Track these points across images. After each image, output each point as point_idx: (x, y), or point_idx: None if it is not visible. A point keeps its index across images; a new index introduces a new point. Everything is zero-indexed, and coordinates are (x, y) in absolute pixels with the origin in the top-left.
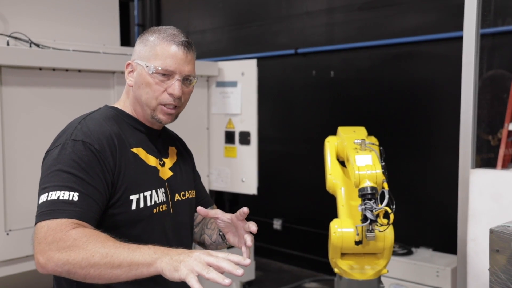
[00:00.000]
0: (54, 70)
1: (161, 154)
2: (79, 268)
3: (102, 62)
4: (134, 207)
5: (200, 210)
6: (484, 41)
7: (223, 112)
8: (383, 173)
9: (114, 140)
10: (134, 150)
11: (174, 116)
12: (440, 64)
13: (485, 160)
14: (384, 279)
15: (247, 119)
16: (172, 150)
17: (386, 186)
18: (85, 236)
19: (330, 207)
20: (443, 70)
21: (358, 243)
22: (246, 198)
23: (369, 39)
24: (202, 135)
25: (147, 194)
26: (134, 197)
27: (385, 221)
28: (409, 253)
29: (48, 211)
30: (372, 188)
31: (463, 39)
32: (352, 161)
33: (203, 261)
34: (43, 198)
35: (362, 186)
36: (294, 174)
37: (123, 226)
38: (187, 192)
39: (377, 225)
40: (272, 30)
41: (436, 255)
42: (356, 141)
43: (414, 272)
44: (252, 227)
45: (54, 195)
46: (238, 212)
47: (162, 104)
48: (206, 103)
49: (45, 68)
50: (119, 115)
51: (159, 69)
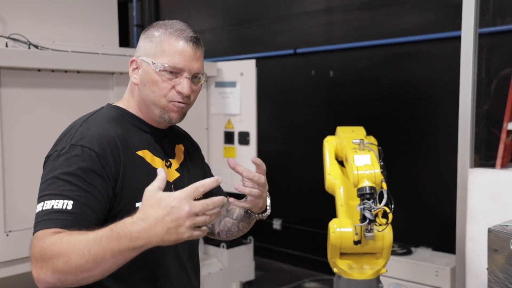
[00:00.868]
0: (53, 71)
1: (167, 155)
2: (66, 274)
3: (101, 63)
4: None
5: (230, 161)
6: (482, 40)
7: (222, 112)
8: (382, 172)
9: (118, 144)
10: (140, 153)
11: (183, 114)
12: (439, 63)
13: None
14: (383, 278)
15: (246, 119)
16: (179, 149)
17: (384, 185)
18: (59, 240)
19: (329, 207)
20: (442, 70)
21: (357, 242)
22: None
23: (368, 39)
24: (201, 135)
25: None
26: (139, 204)
27: (383, 220)
28: (408, 252)
29: (41, 221)
30: (371, 188)
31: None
32: (351, 160)
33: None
34: (39, 208)
35: (360, 185)
36: (293, 174)
37: None
38: None
39: (376, 224)
40: (271, 30)
41: (436, 254)
42: (354, 140)
43: (414, 271)
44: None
45: (48, 204)
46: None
47: (171, 101)
48: (205, 103)
49: (44, 69)
50: (123, 116)
51: (167, 66)
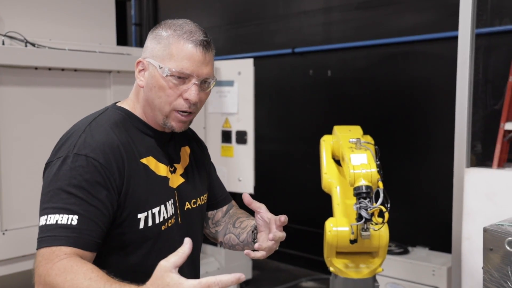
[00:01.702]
0: (50, 69)
1: (172, 160)
2: None
3: (98, 61)
4: (142, 225)
5: (245, 196)
6: (479, 40)
7: (219, 112)
8: (378, 172)
9: (122, 153)
10: (144, 160)
11: (188, 123)
12: (437, 63)
13: None
14: (380, 278)
15: (244, 118)
16: (184, 152)
17: (381, 185)
18: (64, 274)
19: (327, 206)
20: (440, 70)
21: (353, 241)
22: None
23: (366, 39)
24: (199, 134)
25: (156, 210)
26: (142, 215)
27: (380, 219)
28: (405, 252)
29: (45, 238)
30: (367, 187)
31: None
32: (347, 160)
33: None
34: (42, 221)
35: (357, 185)
36: (291, 173)
37: (130, 245)
38: (198, 199)
39: (372, 223)
40: (270, 30)
41: (433, 254)
42: (351, 140)
43: (410, 271)
44: (282, 218)
45: (52, 219)
46: (278, 218)
47: (176, 110)
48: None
49: (40, 68)
50: (128, 119)
51: (174, 71)
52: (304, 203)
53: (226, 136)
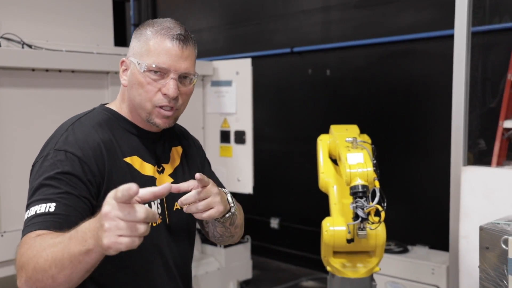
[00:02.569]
0: (47, 71)
1: (160, 160)
2: (39, 281)
3: (96, 62)
4: None
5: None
6: (476, 39)
7: (218, 112)
8: (375, 171)
9: (102, 150)
10: (128, 159)
11: (173, 119)
12: (436, 62)
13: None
14: (379, 276)
15: (242, 118)
16: (175, 152)
17: (377, 184)
18: (34, 244)
19: (327, 206)
20: (439, 68)
21: (349, 241)
22: (243, 197)
23: (365, 37)
24: (197, 134)
25: None
26: None
27: (376, 219)
28: (404, 251)
29: (24, 228)
30: (363, 186)
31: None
32: (344, 159)
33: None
34: (25, 216)
35: (353, 184)
36: (290, 173)
37: None
38: None
39: (368, 223)
40: (268, 29)
41: (432, 252)
42: (347, 139)
43: (410, 270)
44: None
45: (32, 211)
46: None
47: (158, 106)
48: (201, 103)
49: (38, 69)
50: (114, 119)
51: (153, 66)
52: (304, 202)
53: (225, 136)
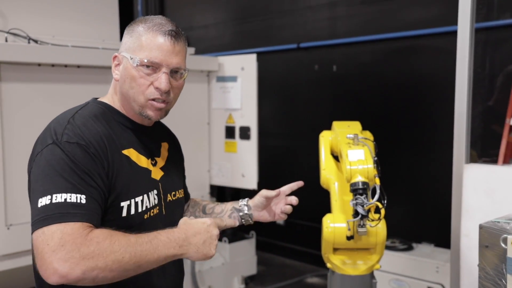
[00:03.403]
0: (53, 66)
1: (153, 153)
2: (109, 271)
3: (101, 57)
4: (124, 214)
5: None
6: (480, 35)
7: (223, 107)
8: (376, 168)
9: (105, 143)
10: (125, 152)
11: (164, 112)
12: (443, 58)
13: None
14: (383, 274)
15: (247, 114)
16: (164, 147)
17: (378, 181)
18: (107, 238)
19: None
20: (446, 64)
21: (349, 238)
22: (248, 193)
23: (371, 33)
24: (203, 130)
25: (138, 199)
26: (124, 203)
27: (376, 216)
28: (409, 248)
29: (57, 215)
30: (364, 183)
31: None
32: (344, 155)
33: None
34: (45, 201)
35: (353, 181)
36: (296, 169)
37: None
38: (177, 192)
39: (368, 220)
40: (275, 25)
41: (437, 250)
42: (349, 135)
43: (414, 267)
44: (294, 201)
45: (60, 197)
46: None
47: (150, 99)
48: (207, 98)
49: (44, 64)
50: (108, 112)
51: (145, 61)
52: (309, 198)
53: (230, 132)
